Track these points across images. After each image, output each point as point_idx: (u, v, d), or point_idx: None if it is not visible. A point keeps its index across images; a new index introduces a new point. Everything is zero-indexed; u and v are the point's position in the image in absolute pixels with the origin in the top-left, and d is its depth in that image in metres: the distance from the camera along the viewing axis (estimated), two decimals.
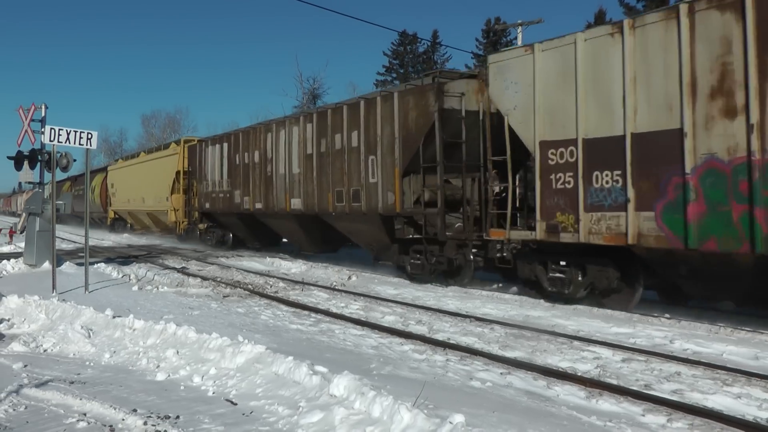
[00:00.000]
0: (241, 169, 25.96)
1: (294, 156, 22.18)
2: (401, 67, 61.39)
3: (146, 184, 37.99)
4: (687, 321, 11.43)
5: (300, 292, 15.79)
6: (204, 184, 29.66)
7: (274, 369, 6.96)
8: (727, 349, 9.40)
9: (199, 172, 30.21)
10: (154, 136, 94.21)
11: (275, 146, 23.45)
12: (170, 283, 16.83)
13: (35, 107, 18.53)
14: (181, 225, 33.82)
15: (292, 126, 22.53)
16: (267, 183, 23.90)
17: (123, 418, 5.94)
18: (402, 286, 16.54)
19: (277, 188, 23.21)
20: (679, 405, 6.81)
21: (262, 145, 24.47)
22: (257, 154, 24.73)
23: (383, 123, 17.86)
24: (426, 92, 16.51)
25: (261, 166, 24.40)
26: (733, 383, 7.75)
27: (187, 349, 8.23)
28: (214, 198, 28.66)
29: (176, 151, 34.22)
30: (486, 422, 5.50)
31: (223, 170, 27.69)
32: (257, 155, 24.71)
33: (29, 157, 18.75)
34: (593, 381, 7.76)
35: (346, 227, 20.21)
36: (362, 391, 5.80)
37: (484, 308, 13.07)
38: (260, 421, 5.83)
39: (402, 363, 8.55)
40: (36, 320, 10.96)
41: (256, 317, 12.05)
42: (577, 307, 12.92)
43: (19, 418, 6.05)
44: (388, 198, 17.61)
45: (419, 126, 16.60)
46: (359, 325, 11.44)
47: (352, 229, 20.04)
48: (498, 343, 9.93)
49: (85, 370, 7.89)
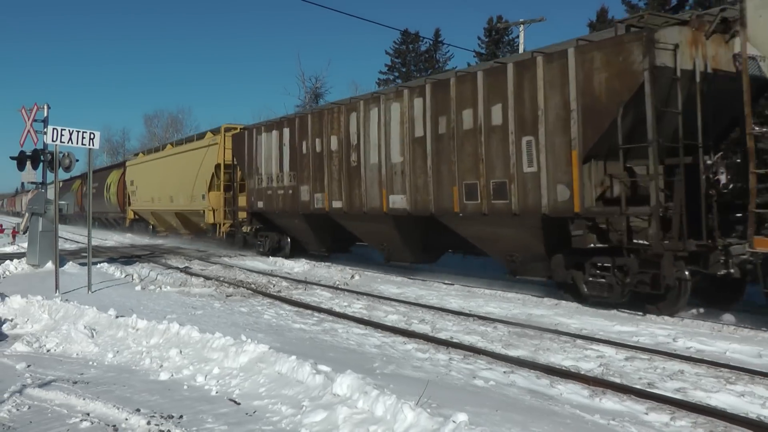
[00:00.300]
0: (310, 160, 20.92)
1: (394, 141, 17.35)
2: (403, 65, 61.30)
3: (175, 180, 33.38)
4: (690, 319, 11.43)
5: (303, 291, 15.79)
6: (255, 179, 24.46)
7: (277, 368, 6.97)
8: (730, 347, 9.39)
9: (248, 164, 24.96)
10: (156, 136, 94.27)
11: (363, 129, 18.55)
12: (173, 283, 16.84)
13: (38, 107, 18.55)
14: (222, 228, 29.35)
15: (389, 102, 17.62)
16: (350, 176, 19.06)
17: (126, 418, 5.94)
18: (405, 285, 16.54)
19: (366, 183, 18.38)
20: (682, 403, 6.80)
21: (341, 128, 19.48)
22: (335, 140, 19.75)
23: (548, 91, 13.24)
24: (625, 44, 11.99)
25: (341, 155, 19.50)
26: (737, 381, 7.74)
27: (191, 349, 8.23)
28: (270, 195, 23.48)
29: (215, 141, 29.57)
30: (489, 421, 5.50)
31: (284, 162, 22.56)
32: (335, 141, 19.74)
33: (32, 157, 18.76)
34: (596, 379, 7.75)
35: (477, 232, 15.45)
36: (365, 390, 5.80)
37: (487, 307, 13.07)
38: (263, 421, 5.83)
39: (405, 362, 8.56)
40: (39, 320, 10.96)
41: (259, 317, 12.06)
42: (580, 306, 12.90)
43: (22, 418, 6.05)
44: (557, 193, 13.09)
45: (613, 92, 12.09)
46: (362, 324, 11.43)
47: (485, 235, 15.24)
48: (501, 342, 9.93)
49: (88, 370, 7.89)
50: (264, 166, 23.89)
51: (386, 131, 17.69)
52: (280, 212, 23.08)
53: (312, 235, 22.53)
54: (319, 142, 20.55)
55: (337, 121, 19.78)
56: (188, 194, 31.76)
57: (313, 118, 21.06)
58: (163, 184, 35.08)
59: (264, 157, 23.86)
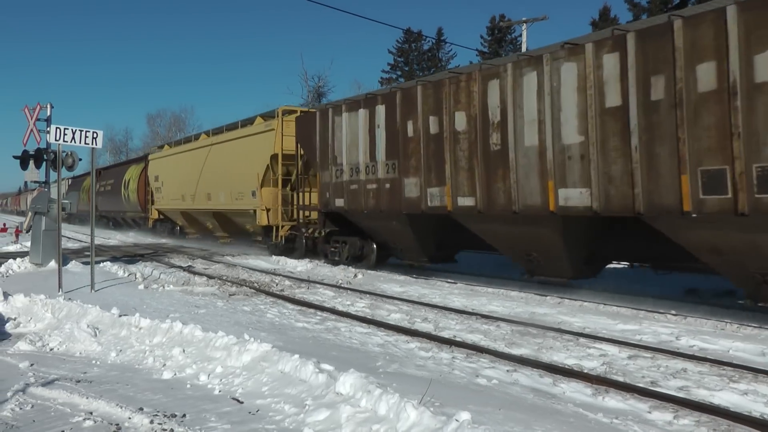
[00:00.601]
0: (421, 145, 16.43)
1: (567, 115, 12.90)
2: (406, 64, 61.34)
3: (214, 175, 29.01)
4: (693, 317, 11.40)
5: (306, 290, 15.79)
6: (332, 172, 20.06)
7: (280, 367, 6.97)
8: (733, 345, 9.38)
9: (321, 154, 20.63)
10: (159, 135, 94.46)
11: (512, 101, 14.08)
12: (176, 282, 16.86)
13: (41, 107, 18.60)
14: (280, 231, 24.39)
15: (558, 63, 13.14)
16: (489, 165, 14.53)
17: (129, 417, 5.94)
18: (408, 284, 16.53)
19: (518, 173, 13.91)
20: (685, 402, 6.79)
21: (474, 101, 14.86)
22: (461, 117, 15.23)
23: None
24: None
25: (472, 136, 14.90)
26: (740, 380, 7.73)
27: (194, 348, 8.23)
28: (354, 191, 19.06)
29: (269, 127, 24.62)
30: (492, 419, 5.49)
31: (376, 148, 18.11)
32: (461, 120, 15.22)
33: (35, 156, 18.82)
34: (599, 378, 7.74)
35: (723, 241, 10.86)
36: (368, 389, 5.80)
37: (490, 305, 13.06)
38: (266, 420, 5.83)
39: (408, 361, 8.55)
40: (42, 319, 10.97)
41: (262, 315, 12.06)
42: (583, 304, 12.91)
43: (25, 416, 6.06)
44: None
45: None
46: (365, 323, 11.43)
47: (743, 244, 10.59)
48: (504, 341, 9.92)
49: (91, 369, 7.90)
50: (346, 155, 19.45)
51: (552, 103, 13.22)
52: (370, 212, 18.52)
53: (413, 241, 17.92)
54: (435, 122, 16.09)
55: (465, 92, 15.20)
56: (232, 191, 27.38)
57: (424, 91, 16.49)
58: (198, 179, 30.89)
59: (346, 143, 19.44)
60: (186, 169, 32.46)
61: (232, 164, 27.24)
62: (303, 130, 22.00)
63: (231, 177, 27.22)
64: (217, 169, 28.74)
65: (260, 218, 24.97)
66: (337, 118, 19.83)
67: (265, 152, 24.60)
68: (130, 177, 41.99)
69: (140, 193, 39.86)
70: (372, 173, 18.40)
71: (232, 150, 27.60)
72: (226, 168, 27.76)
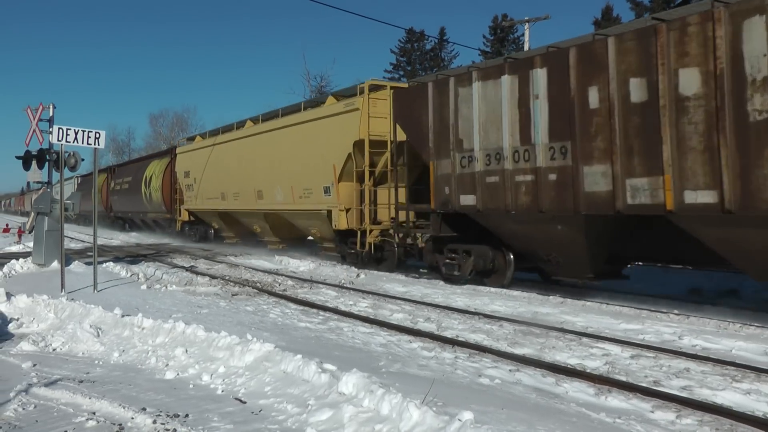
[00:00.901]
0: (616, 118, 12.05)
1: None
2: (408, 64, 61.35)
3: (269, 168, 24.22)
4: (696, 317, 11.39)
5: (308, 290, 15.80)
6: (454, 160, 15.54)
7: (282, 367, 6.97)
8: (736, 344, 9.36)
9: (437, 137, 16.04)
10: (161, 135, 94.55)
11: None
12: (179, 282, 16.88)
13: (43, 107, 18.57)
14: (367, 236, 19.44)
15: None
16: (747, 141, 10.19)
17: (132, 417, 5.95)
18: (410, 284, 16.53)
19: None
20: (688, 401, 6.78)
21: (714, 52, 10.55)
22: (692, 77, 10.91)
23: None
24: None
25: (712, 103, 10.59)
26: (743, 379, 7.72)
27: (196, 348, 8.24)
28: (493, 186, 14.60)
29: (352, 106, 19.67)
30: (495, 419, 5.49)
31: (533, 126, 13.71)
32: (692, 80, 10.90)
33: (37, 156, 18.81)
34: (602, 378, 7.74)
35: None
36: (371, 389, 5.80)
37: (492, 305, 13.05)
38: (269, 420, 5.83)
39: (411, 360, 8.55)
40: (45, 319, 10.98)
41: (264, 315, 12.07)
42: (586, 304, 12.91)
43: (28, 417, 6.06)
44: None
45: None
46: (368, 322, 11.43)
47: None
48: (507, 340, 9.92)
49: (94, 369, 7.91)
50: (478, 137, 14.94)
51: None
52: (520, 212, 14.14)
53: (583, 251, 13.59)
54: (639, 86, 11.74)
55: (698, 40, 10.83)
56: (295, 188, 22.67)
57: (620, 45, 12.10)
58: (244, 175, 26.34)
59: (478, 121, 14.96)
60: (227, 162, 28.09)
61: (296, 155, 22.40)
62: (405, 108, 17.45)
63: (294, 170, 22.59)
64: (273, 161, 23.95)
65: (338, 221, 20.18)
66: (463, 89, 15.36)
67: (345, 138, 19.81)
68: (153, 173, 37.68)
69: (165, 191, 35.63)
70: (525, 160, 13.97)
71: (296, 137, 22.55)
72: (287, 159, 23.00)
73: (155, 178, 36.96)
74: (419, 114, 16.61)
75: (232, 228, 30.54)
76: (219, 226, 31.60)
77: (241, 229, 29.74)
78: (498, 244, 15.37)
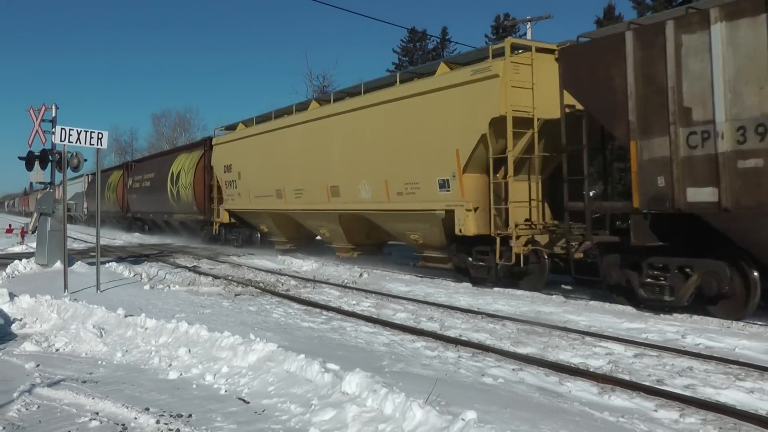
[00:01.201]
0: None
1: None
2: (411, 64, 61.26)
3: (350, 157, 19.65)
4: (699, 316, 11.37)
5: (311, 289, 15.79)
6: (677, 139, 11.05)
7: (285, 367, 6.97)
8: (739, 343, 9.35)
9: (643, 106, 11.61)
10: (164, 136, 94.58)
11: None
12: (182, 282, 16.87)
13: (46, 107, 18.59)
14: (515, 245, 14.56)
15: None
16: None
17: (135, 417, 5.95)
18: (413, 283, 16.52)
19: None
20: (691, 400, 6.77)
21: None
22: None
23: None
24: None
25: None
26: (746, 378, 7.71)
27: (199, 348, 8.24)
28: (753, 173, 10.05)
29: (487, 73, 14.92)
30: (498, 418, 5.48)
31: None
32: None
33: (40, 157, 18.82)
34: (605, 377, 7.73)
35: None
36: (374, 389, 5.80)
37: (495, 304, 13.04)
38: (272, 420, 5.83)
39: (414, 360, 8.54)
40: (48, 320, 10.99)
41: (267, 315, 12.06)
42: (589, 303, 12.90)
43: (31, 417, 6.07)
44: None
45: None
46: (371, 322, 11.42)
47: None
48: (510, 340, 9.91)
49: (97, 369, 7.91)
50: (722, 103, 10.40)
51: None
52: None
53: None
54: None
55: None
56: (392, 181, 17.97)
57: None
58: (312, 167, 21.63)
59: (722, 79, 10.39)
60: (285, 153, 23.14)
61: (394, 140, 17.79)
62: (582, 70, 12.94)
63: (390, 160, 17.98)
64: (356, 149, 19.42)
65: (464, 223, 15.48)
66: (691, 37, 10.83)
67: (476, 115, 15.19)
68: (181, 169, 32.51)
69: (197, 189, 30.67)
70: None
71: (394, 117, 17.89)
72: (379, 147, 18.40)
73: (185, 174, 31.85)
74: (608, 76, 12.21)
75: (285, 231, 25.78)
76: (269, 229, 26.72)
77: (299, 233, 25.27)
78: (735, 260, 11.10)
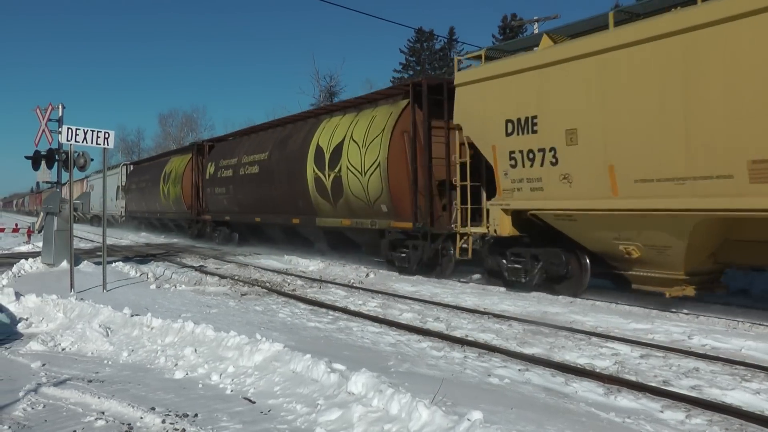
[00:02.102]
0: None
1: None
2: (418, 64, 61.32)
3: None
4: (705, 316, 11.34)
5: (318, 289, 15.79)
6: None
7: (292, 367, 6.97)
8: (745, 344, 9.31)
9: None
10: (171, 135, 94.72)
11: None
12: (188, 282, 16.89)
13: (52, 107, 18.61)
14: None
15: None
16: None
17: (141, 417, 5.96)
18: (420, 284, 16.50)
19: None
20: (697, 401, 6.75)
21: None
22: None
23: None
24: None
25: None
26: (752, 379, 7.68)
27: (205, 348, 8.25)
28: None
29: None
30: (504, 419, 5.48)
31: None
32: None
33: (46, 156, 18.85)
34: (612, 377, 7.71)
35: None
36: (380, 389, 5.79)
37: (501, 305, 13.02)
38: (278, 419, 5.83)
39: (420, 360, 8.54)
40: (54, 319, 11.01)
41: (273, 315, 12.06)
42: (596, 303, 12.87)
43: (37, 416, 6.08)
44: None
45: None
46: (377, 322, 11.42)
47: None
48: (516, 340, 9.89)
49: (103, 369, 7.93)
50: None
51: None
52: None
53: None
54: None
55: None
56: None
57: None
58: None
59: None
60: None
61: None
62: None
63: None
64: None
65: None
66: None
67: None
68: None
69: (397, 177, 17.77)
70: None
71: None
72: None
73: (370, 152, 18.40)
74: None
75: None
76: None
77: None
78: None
